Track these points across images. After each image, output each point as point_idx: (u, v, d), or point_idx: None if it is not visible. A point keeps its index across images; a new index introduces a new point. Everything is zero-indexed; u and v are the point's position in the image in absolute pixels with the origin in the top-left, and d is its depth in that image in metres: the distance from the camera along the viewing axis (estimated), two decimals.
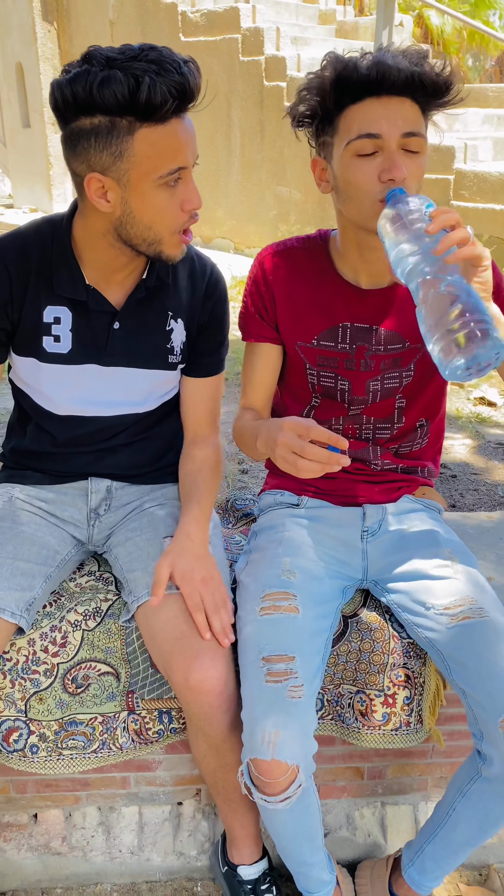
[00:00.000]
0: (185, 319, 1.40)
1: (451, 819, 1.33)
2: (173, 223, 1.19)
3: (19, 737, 1.40)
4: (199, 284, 1.40)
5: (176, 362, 1.42)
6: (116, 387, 1.39)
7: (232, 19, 7.15)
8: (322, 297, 1.36)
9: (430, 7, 9.45)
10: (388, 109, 1.15)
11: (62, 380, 1.36)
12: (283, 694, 1.16)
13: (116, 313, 1.34)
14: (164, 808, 1.59)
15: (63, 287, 1.30)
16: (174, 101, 1.08)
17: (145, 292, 1.34)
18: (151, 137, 1.11)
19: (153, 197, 1.16)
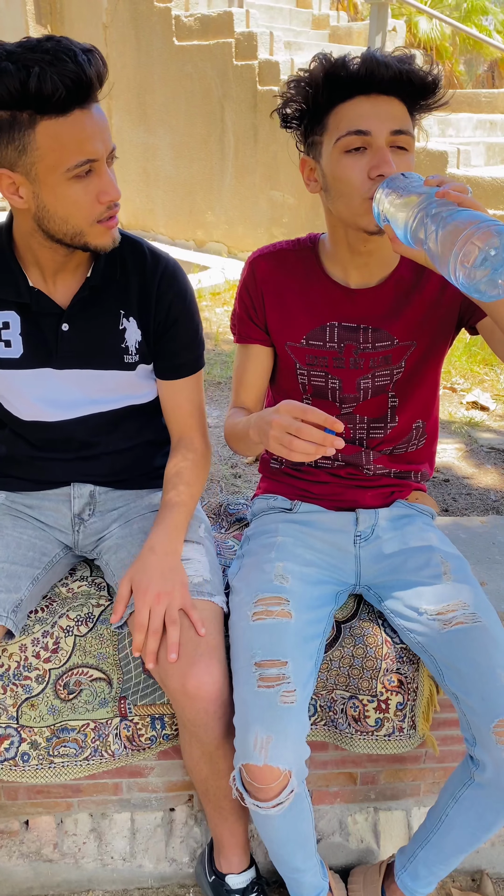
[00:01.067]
0: (139, 318, 1.36)
1: (444, 825, 1.33)
2: (89, 215, 1.16)
3: (10, 745, 1.39)
4: (151, 281, 1.34)
5: (133, 362, 1.38)
6: (74, 389, 1.37)
7: (226, 24, 7.15)
8: (310, 297, 1.37)
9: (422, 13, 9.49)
10: (376, 107, 1.18)
11: (19, 385, 1.35)
12: (275, 699, 1.16)
13: (62, 314, 1.32)
14: (157, 815, 1.59)
15: (6, 291, 1.29)
16: (68, 92, 1.05)
17: (89, 291, 1.32)
18: (53, 130, 1.08)
19: (64, 190, 1.13)
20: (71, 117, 1.09)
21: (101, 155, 1.13)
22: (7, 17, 9.58)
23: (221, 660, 1.24)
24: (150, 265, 1.35)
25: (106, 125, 1.15)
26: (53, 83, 1.04)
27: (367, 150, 1.19)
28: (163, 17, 7.61)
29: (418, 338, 1.37)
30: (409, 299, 1.35)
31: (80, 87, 1.07)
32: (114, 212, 1.19)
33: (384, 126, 1.18)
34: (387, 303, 1.35)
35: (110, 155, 1.17)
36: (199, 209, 7.96)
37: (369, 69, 1.16)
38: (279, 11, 8.43)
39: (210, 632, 1.25)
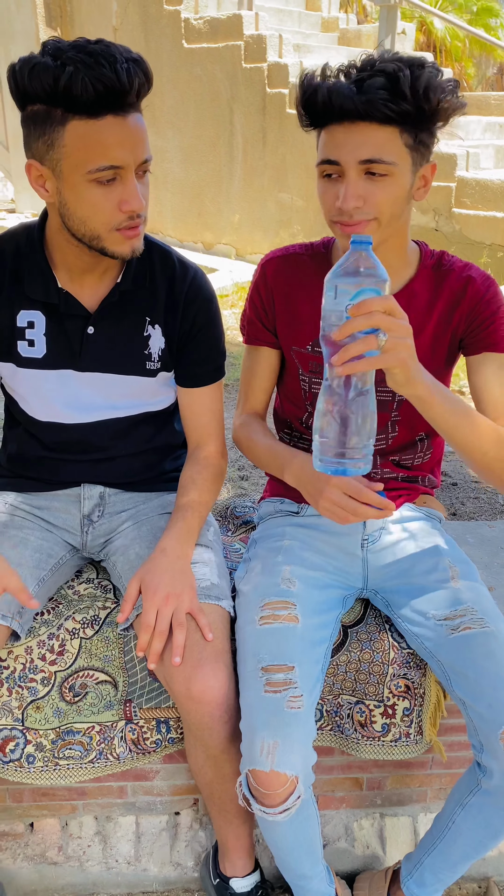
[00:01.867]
0: (164, 326, 1.37)
1: (451, 831, 1.32)
2: (108, 221, 1.16)
3: (16, 746, 1.38)
4: (179, 290, 1.35)
5: (154, 369, 1.38)
6: (94, 393, 1.37)
7: (235, 26, 7.17)
8: (318, 304, 1.35)
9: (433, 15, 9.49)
10: (348, 135, 1.14)
11: (39, 385, 1.35)
12: (282, 704, 1.15)
13: (90, 317, 1.32)
14: (162, 818, 1.58)
15: (35, 290, 1.30)
16: (98, 96, 1.06)
17: (119, 296, 1.32)
18: (81, 130, 1.09)
19: (84, 191, 1.14)
20: (102, 122, 1.09)
21: (128, 164, 1.13)
22: (17, 20, 9.63)
23: (227, 664, 1.23)
24: (178, 274, 1.36)
25: (142, 136, 1.14)
26: (83, 85, 1.05)
27: (341, 178, 1.17)
28: (172, 20, 7.63)
29: (423, 360, 1.30)
30: (419, 318, 1.32)
31: (112, 93, 1.07)
32: (136, 222, 1.18)
33: (352, 156, 1.14)
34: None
35: (141, 166, 1.16)
36: (208, 211, 7.97)
37: (335, 103, 1.12)
38: (288, 14, 8.44)
39: (216, 636, 1.25)
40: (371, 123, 1.12)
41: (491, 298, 1.31)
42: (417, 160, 1.18)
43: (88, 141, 1.10)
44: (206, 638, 1.22)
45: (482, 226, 5.58)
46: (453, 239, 5.74)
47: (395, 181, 1.16)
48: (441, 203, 5.82)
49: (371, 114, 1.11)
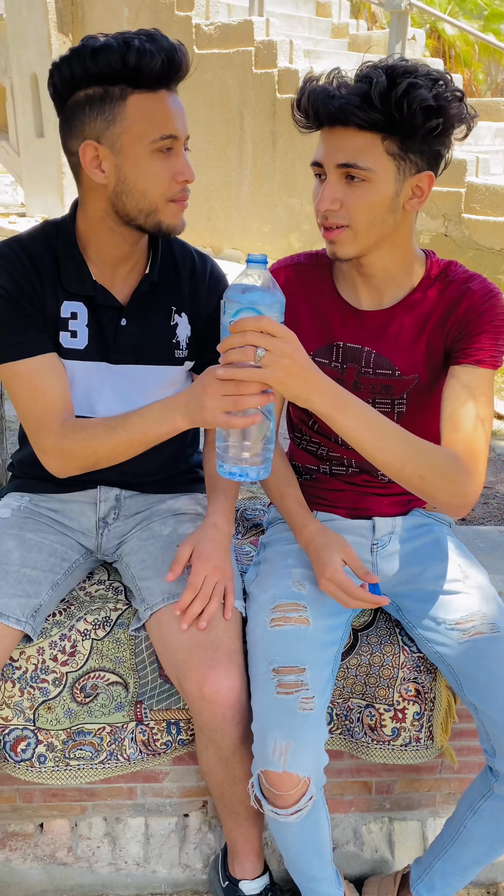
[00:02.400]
0: (190, 313, 1.42)
1: (462, 836, 1.32)
2: (166, 191, 1.21)
3: (27, 746, 1.39)
4: (201, 279, 1.43)
5: (182, 357, 1.42)
6: (124, 387, 1.39)
7: (246, 32, 7.19)
8: (321, 314, 1.36)
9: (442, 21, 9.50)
10: (329, 139, 1.17)
11: (75, 377, 1.37)
12: (294, 706, 1.16)
13: (123, 309, 1.35)
14: (171, 820, 1.58)
15: (71, 282, 1.32)
16: (161, 65, 1.15)
17: (149, 286, 1.36)
18: (142, 103, 1.17)
19: (146, 162, 1.19)
20: (158, 95, 1.18)
21: (181, 135, 1.20)
22: (30, 25, 9.70)
23: (240, 664, 1.24)
24: (199, 265, 1.44)
25: (184, 113, 1.22)
26: (151, 55, 1.14)
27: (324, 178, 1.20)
28: (183, 26, 7.66)
29: (421, 372, 1.33)
30: (417, 329, 1.31)
31: (171, 65, 1.16)
32: (186, 195, 1.24)
33: (332, 159, 1.16)
34: (394, 328, 1.31)
35: (186, 141, 1.23)
36: (217, 216, 8.00)
37: (313, 108, 1.15)
38: (299, 20, 8.47)
39: (229, 636, 1.25)
40: (349, 128, 1.14)
41: (486, 312, 1.24)
42: (404, 169, 1.16)
43: (150, 112, 1.17)
44: (225, 616, 1.28)
45: (492, 231, 5.58)
46: (463, 244, 5.74)
47: (373, 188, 1.16)
48: (451, 209, 5.82)
49: (344, 119, 1.13)
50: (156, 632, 1.30)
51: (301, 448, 1.49)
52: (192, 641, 1.23)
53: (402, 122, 1.11)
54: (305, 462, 1.47)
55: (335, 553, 1.25)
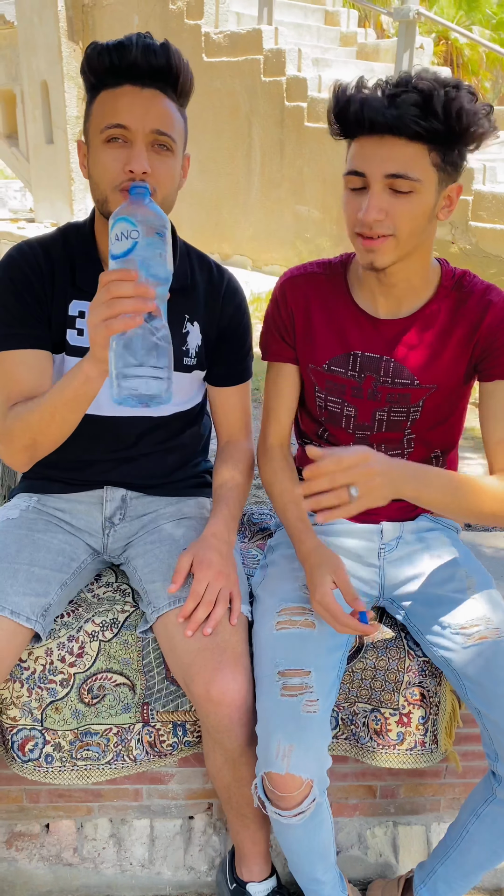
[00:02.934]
0: (203, 323, 1.44)
1: (465, 841, 1.33)
2: (114, 179, 1.22)
3: (34, 746, 1.40)
4: (217, 290, 1.45)
5: (191, 365, 1.44)
6: None
7: (254, 41, 7.24)
8: (337, 323, 1.36)
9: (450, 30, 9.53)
10: (376, 148, 1.15)
11: None
12: (298, 708, 1.17)
13: None
14: (176, 822, 1.59)
15: (86, 280, 1.34)
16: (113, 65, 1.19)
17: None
18: (104, 98, 1.23)
19: (99, 152, 1.23)
20: (120, 90, 1.21)
21: (134, 127, 1.20)
22: (40, 32, 9.78)
23: (246, 667, 1.25)
24: (216, 276, 1.47)
25: (158, 110, 1.21)
26: (101, 58, 1.20)
27: (365, 190, 1.18)
28: (192, 34, 7.72)
29: (440, 381, 1.34)
30: (437, 339, 1.32)
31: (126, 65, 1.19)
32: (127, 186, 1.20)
33: (378, 169, 1.15)
34: (412, 338, 1.33)
35: (157, 138, 1.21)
36: (225, 223, 8.03)
37: (366, 116, 1.13)
38: (307, 29, 8.52)
39: (236, 639, 1.27)
40: (400, 138, 1.13)
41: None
42: (444, 180, 1.18)
43: (105, 105, 1.22)
44: (231, 622, 1.28)
45: (499, 239, 5.59)
46: (470, 252, 5.75)
47: (418, 198, 1.17)
48: (458, 216, 5.83)
49: (401, 129, 1.11)
50: (163, 634, 1.32)
51: None
52: (199, 644, 1.24)
53: (457, 132, 1.13)
54: None
55: (326, 575, 1.25)
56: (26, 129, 10.99)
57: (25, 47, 10.26)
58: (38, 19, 9.74)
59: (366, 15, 12.06)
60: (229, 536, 1.38)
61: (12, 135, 11.93)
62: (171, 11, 8.01)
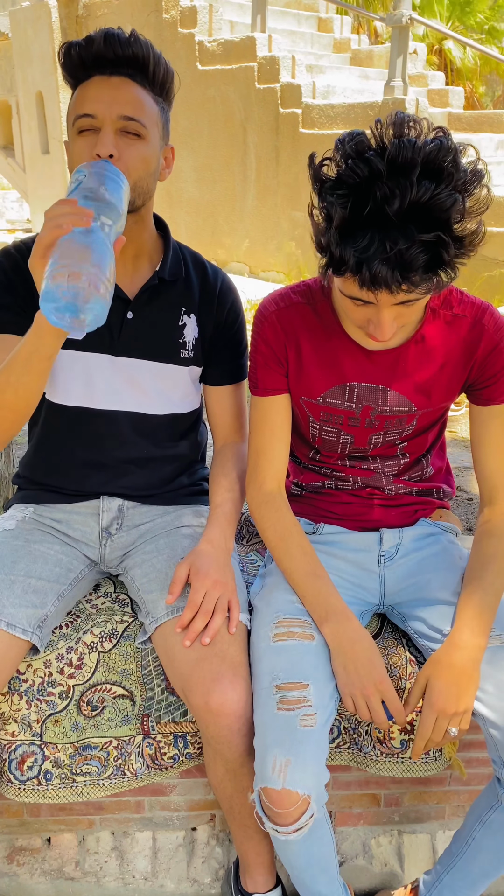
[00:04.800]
0: (199, 316, 1.44)
1: (471, 849, 1.31)
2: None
3: (34, 763, 1.39)
4: (211, 287, 1.46)
5: (187, 358, 1.44)
6: (127, 379, 1.41)
7: (248, 48, 7.27)
8: (329, 354, 1.33)
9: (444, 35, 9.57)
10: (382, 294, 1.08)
11: (74, 368, 1.38)
12: (294, 722, 1.15)
13: (130, 302, 1.38)
14: (179, 834, 1.58)
15: None
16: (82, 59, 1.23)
17: (158, 281, 1.39)
18: (76, 93, 1.26)
19: (73, 143, 1.25)
20: (90, 81, 1.24)
21: (101, 114, 1.22)
22: (35, 43, 9.81)
23: (245, 677, 1.23)
24: (210, 273, 1.48)
25: (125, 96, 1.23)
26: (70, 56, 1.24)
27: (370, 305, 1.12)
28: (186, 43, 7.75)
29: (435, 405, 1.36)
30: (433, 365, 1.31)
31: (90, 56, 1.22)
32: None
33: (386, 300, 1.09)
34: (407, 365, 1.31)
35: (125, 124, 1.22)
36: (222, 230, 8.04)
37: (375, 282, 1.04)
38: (301, 35, 8.55)
39: (234, 649, 1.25)
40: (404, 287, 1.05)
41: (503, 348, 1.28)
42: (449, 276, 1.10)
43: (77, 98, 1.25)
44: (230, 631, 1.27)
45: (495, 242, 5.59)
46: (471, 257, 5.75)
47: (421, 303, 1.16)
48: None
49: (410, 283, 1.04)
50: (161, 645, 1.31)
51: (303, 467, 1.49)
52: (198, 654, 1.23)
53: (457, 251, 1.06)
54: (311, 480, 1.48)
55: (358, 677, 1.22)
56: (22, 139, 11.02)
57: (20, 58, 10.29)
58: (33, 30, 9.78)
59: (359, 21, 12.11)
60: (226, 544, 1.37)
61: (8, 145, 11.96)
62: (164, 21, 8.04)
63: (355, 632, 1.24)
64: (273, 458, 1.38)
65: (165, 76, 1.28)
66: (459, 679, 1.20)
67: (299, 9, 9.16)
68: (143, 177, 1.26)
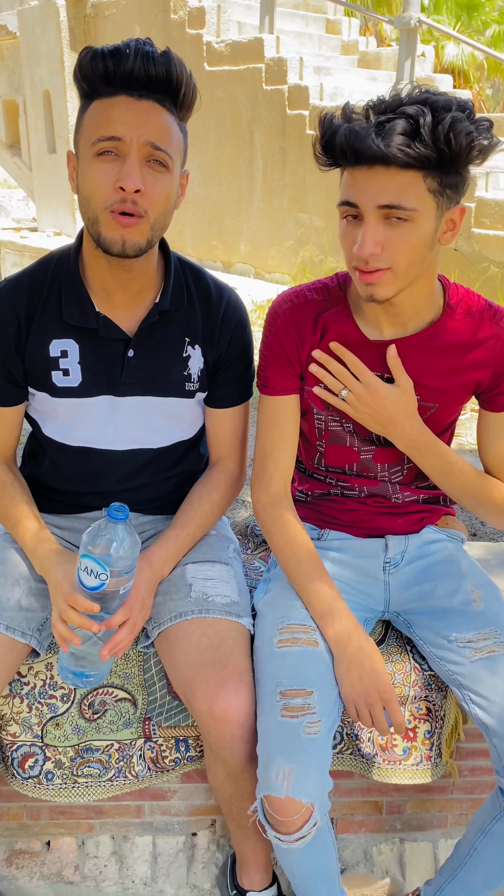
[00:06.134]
0: (203, 346, 1.36)
1: (473, 859, 1.30)
2: (103, 198, 1.14)
3: (35, 763, 1.38)
4: (215, 311, 1.36)
5: (193, 390, 1.38)
6: (131, 418, 1.35)
7: (256, 49, 7.26)
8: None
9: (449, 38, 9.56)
10: (367, 179, 1.09)
11: (75, 413, 1.34)
12: (298, 730, 1.14)
13: (129, 341, 1.31)
14: (179, 839, 1.57)
15: (73, 315, 1.28)
16: (107, 73, 1.12)
17: (158, 316, 1.31)
18: (97, 108, 1.15)
19: (89, 167, 1.15)
20: (114, 100, 1.14)
21: (128, 139, 1.12)
22: (43, 43, 9.82)
23: (249, 682, 1.22)
24: (214, 296, 1.37)
25: (154, 122, 1.14)
26: (94, 66, 1.13)
27: (361, 220, 1.13)
28: (194, 44, 7.75)
29: (441, 401, 1.32)
30: (445, 363, 1.29)
31: (120, 72, 1.12)
32: (129, 208, 1.14)
33: (371, 201, 1.10)
34: (416, 356, 1.28)
35: (151, 153, 1.14)
36: (228, 231, 8.03)
37: (352, 148, 1.07)
38: (309, 37, 8.54)
39: (238, 654, 1.24)
40: (391, 168, 1.07)
41: None
42: (443, 204, 1.12)
43: (98, 115, 1.15)
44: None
45: (501, 246, 5.58)
46: (472, 259, 5.74)
47: (416, 227, 1.11)
48: (461, 223, 5.83)
49: (389, 158, 1.06)
50: (164, 649, 1.30)
51: (308, 475, 1.47)
52: (201, 659, 1.22)
53: (449, 157, 1.06)
54: (316, 488, 1.46)
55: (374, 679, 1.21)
56: (29, 138, 11.03)
57: (28, 57, 10.31)
58: (41, 29, 9.79)
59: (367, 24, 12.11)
60: (163, 569, 1.34)
61: (15, 144, 11.97)
62: (172, 21, 8.04)
63: (359, 639, 1.23)
64: (280, 460, 1.37)
65: (192, 100, 1.19)
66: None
67: (307, 10, 9.15)
68: (165, 213, 1.19)
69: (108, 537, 1.13)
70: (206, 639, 1.24)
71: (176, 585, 1.33)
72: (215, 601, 1.30)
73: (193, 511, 1.40)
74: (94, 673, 1.24)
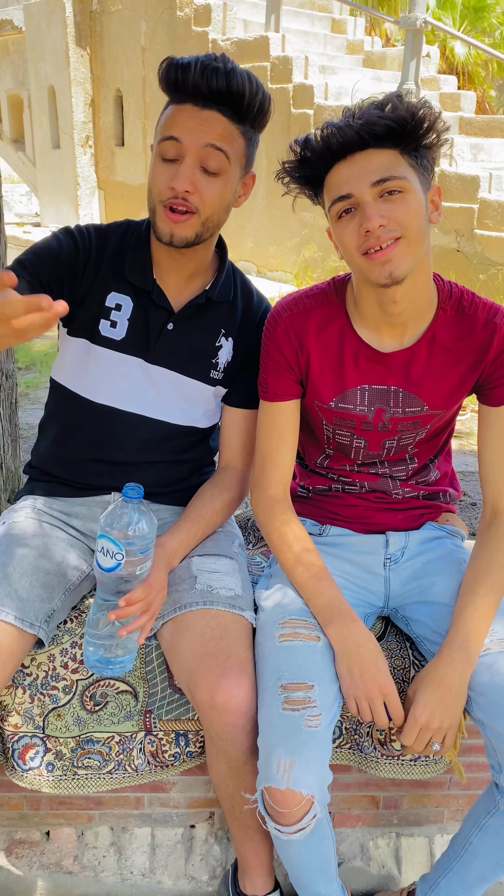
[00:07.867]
0: (236, 340, 1.46)
1: (468, 853, 1.31)
2: (160, 193, 1.28)
3: (36, 754, 1.39)
4: (254, 313, 1.49)
5: (216, 379, 1.45)
6: (157, 387, 1.42)
7: (261, 48, 7.27)
8: (342, 360, 1.34)
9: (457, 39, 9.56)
10: (354, 165, 1.19)
11: (107, 367, 1.40)
12: (299, 723, 1.15)
13: (173, 314, 1.40)
14: (177, 831, 1.58)
15: (134, 273, 1.39)
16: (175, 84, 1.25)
17: (205, 300, 1.42)
18: (168, 111, 1.29)
19: (155, 164, 1.30)
20: (182, 106, 1.27)
21: (186, 141, 1.25)
22: (48, 38, 9.82)
23: (251, 674, 1.24)
24: (255, 300, 1.51)
25: (215, 130, 1.26)
26: (168, 75, 1.26)
27: (356, 210, 1.20)
28: (200, 41, 7.75)
29: (448, 406, 1.36)
30: (445, 365, 1.32)
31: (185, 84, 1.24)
32: (179, 203, 1.26)
33: (364, 181, 1.17)
34: (420, 366, 1.32)
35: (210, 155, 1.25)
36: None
37: (331, 142, 1.19)
38: (314, 36, 8.55)
39: (240, 646, 1.26)
40: (369, 150, 1.18)
41: None
42: (424, 182, 1.21)
43: (167, 117, 1.28)
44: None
45: (495, 245, 5.59)
46: (475, 260, 5.75)
47: (412, 196, 1.18)
48: (463, 224, 5.84)
49: (370, 137, 1.16)
50: (167, 641, 1.31)
51: (310, 471, 1.49)
52: (204, 650, 1.23)
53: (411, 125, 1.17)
54: (317, 483, 1.48)
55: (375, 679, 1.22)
56: (33, 133, 11.03)
57: (33, 52, 10.30)
58: (46, 25, 9.79)
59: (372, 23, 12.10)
60: (174, 561, 1.37)
61: (19, 139, 11.98)
62: (178, 18, 8.04)
63: (360, 634, 1.25)
64: (279, 464, 1.39)
65: (259, 110, 1.30)
66: (445, 696, 1.21)
67: (313, 9, 9.16)
68: (217, 212, 1.31)
69: (123, 517, 1.15)
70: (209, 630, 1.26)
71: (181, 577, 1.35)
72: (220, 594, 1.32)
73: (205, 507, 1.44)
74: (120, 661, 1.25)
